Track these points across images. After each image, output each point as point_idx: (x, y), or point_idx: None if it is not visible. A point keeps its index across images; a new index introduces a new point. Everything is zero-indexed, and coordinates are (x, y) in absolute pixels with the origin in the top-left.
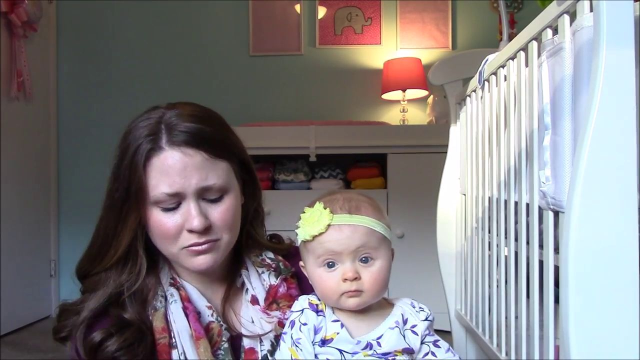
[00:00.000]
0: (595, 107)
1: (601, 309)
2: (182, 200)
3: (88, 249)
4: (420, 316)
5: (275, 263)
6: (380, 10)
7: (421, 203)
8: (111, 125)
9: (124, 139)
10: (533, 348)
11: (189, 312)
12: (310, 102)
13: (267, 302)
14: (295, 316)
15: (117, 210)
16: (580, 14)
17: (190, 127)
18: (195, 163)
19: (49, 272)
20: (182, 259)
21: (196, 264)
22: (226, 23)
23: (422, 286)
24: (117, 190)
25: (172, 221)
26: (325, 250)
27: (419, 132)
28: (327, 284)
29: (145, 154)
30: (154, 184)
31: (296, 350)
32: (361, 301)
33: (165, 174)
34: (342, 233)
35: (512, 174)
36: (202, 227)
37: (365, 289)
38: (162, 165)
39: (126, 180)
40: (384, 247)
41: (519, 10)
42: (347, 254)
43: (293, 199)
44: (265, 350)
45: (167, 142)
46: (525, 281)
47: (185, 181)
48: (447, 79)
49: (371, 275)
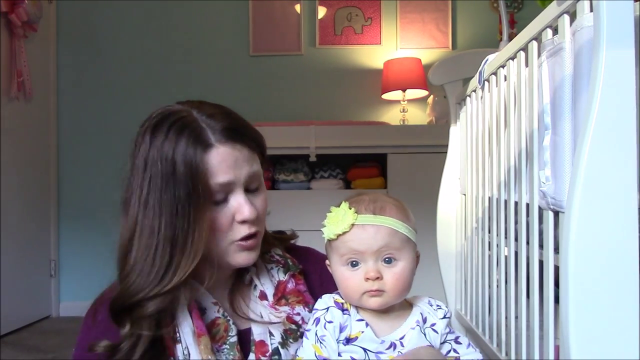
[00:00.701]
0: (595, 107)
1: (601, 309)
2: (230, 193)
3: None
4: (439, 314)
5: (284, 260)
6: (380, 10)
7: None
8: (111, 125)
9: (153, 140)
10: (533, 348)
11: (192, 308)
12: (310, 102)
13: (276, 297)
14: (320, 314)
15: (182, 213)
16: (580, 14)
17: (232, 123)
18: (243, 156)
19: (49, 272)
20: (231, 255)
21: (242, 259)
22: (226, 23)
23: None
24: (173, 192)
25: (223, 214)
26: (348, 250)
27: (419, 132)
28: (349, 283)
29: (201, 151)
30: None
31: (320, 347)
32: (383, 301)
33: (218, 168)
34: (365, 233)
35: (512, 174)
36: (254, 216)
37: (387, 289)
38: (215, 162)
39: (189, 183)
40: (408, 249)
41: (519, 10)
42: (370, 253)
43: (293, 199)
44: (276, 343)
45: (215, 139)
46: (525, 281)
47: (237, 172)
48: (447, 79)
49: (393, 276)
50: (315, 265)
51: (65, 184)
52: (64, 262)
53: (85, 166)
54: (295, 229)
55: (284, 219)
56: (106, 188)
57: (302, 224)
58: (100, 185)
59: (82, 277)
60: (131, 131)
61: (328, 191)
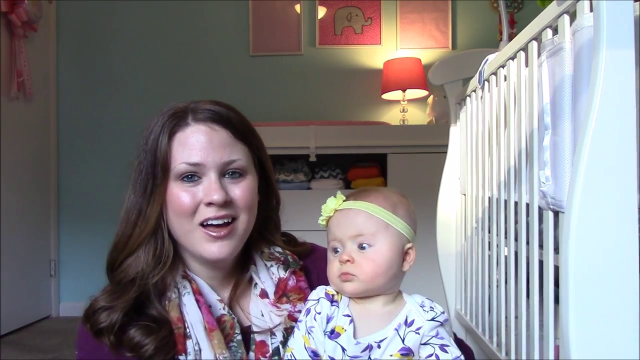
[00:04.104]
0: (595, 107)
1: (601, 309)
2: (203, 175)
3: (116, 238)
4: (427, 316)
5: (284, 256)
6: (380, 10)
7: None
8: (111, 125)
9: (148, 125)
10: (533, 348)
11: (201, 304)
12: (310, 102)
13: (277, 295)
14: (311, 304)
15: (142, 189)
16: (580, 14)
17: (217, 108)
18: (220, 139)
19: (49, 272)
20: (198, 243)
21: (211, 250)
22: (226, 23)
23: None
24: (142, 169)
25: (191, 194)
26: (331, 236)
27: (419, 132)
28: (330, 268)
29: (171, 129)
30: (177, 157)
31: (309, 338)
32: (355, 286)
33: (189, 146)
34: (344, 217)
35: (512, 174)
36: (221, 200)
37: (357, 274)
38: (186, 139)
39: (151, 157)
40: (385, 235)
41: (519, 10)
42: (347, 238)
43: (293, 199)
44: (277, 343)
45: (193, 119)
46: (525, 281)
47: (209, 154)
48: (447, 79)
49: (366, 260)
50: (315, 263)
51: (65, 184)
52: (64, 262)
53: (85, 166)
54: (295, 229)
55: (284, 219)
56: (106, 188)
57: (302, 224)
58: (100, 185)
59: (82, 277)
60: (131, 131)
61: (328, 191)
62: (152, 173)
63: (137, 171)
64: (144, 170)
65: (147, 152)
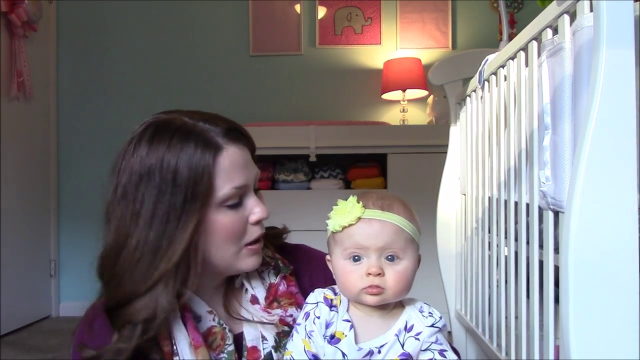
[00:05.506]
0: (595, 107)
1: (601, 309)
2: (244, 196)
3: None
4: (427, 322)
5: (274, 261)
6: (380, 10)
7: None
8: (111, 125)
9: (162, 155)
10: (533, 348)
11: (186, 320)
12: (310, 102)
13: (268, 300)
14: (310, 308)
15: (173, 218)
16: (580, 14)
17: (230, 124)
18: (249, 156)
19: (49, 272)
20: (240, 260)
21: (251, 263)
22: (226, 23)
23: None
24: (172, 198)
25: (239, 217)
26: (352, 243)
27: (419, 132)
28: (349, 277)
29: (213, 154)
30: (221, 183)
31: (309, 342)
32: (381, 299)
33: (232, 170)
34: (371, 227)
35: (512, 174)
36: (268, 215)
37: (387, 287)
38: (228, 163)
39: (191, 185)
40: (411, 249)
41: (519, 10)
42: (374, 249)
43: (293, 199)
44: (269, 348)
45: (224, 141)
46: (525, 281)
47: (249, 173)
48: (447, 79)
49: (395, 275)
50: (307, 266)
51: (65, 184)
52: (64, 262)
53: (85, 166)
54: (295, 229)
55: (283, 219)
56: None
57: (302, 224)
58: (100, 185)
59: (82, 277)
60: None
61: (328, 191)
62: (192, 200)
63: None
64: (176, 197)
65: (176, 181)
